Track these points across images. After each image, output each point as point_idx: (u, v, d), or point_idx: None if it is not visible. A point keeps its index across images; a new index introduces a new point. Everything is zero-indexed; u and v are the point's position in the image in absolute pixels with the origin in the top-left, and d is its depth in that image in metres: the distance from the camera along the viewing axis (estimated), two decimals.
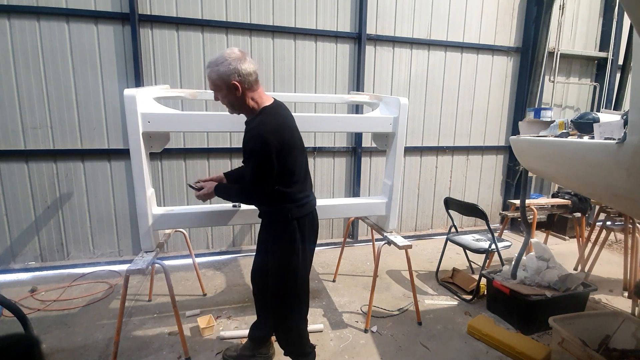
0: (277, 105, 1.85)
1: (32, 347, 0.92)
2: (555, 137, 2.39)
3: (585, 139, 2.12)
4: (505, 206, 5.07)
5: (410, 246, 2.59)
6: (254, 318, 2.80)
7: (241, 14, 3.72)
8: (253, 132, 1.71)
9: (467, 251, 3.51)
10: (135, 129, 2.12)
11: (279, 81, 3.96)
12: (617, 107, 4.97)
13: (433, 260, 3.95)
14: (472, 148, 4.91)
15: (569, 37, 5.02)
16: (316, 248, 2.00)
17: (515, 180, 5.02)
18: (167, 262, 2.24)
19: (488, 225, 3.09)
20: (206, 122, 2.36)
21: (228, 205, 2.51)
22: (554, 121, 2.55)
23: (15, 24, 3.21)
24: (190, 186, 2.15)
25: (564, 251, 4.27)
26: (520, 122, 2.96)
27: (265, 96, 1.83)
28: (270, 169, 1.72)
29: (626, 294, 3.25)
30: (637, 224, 3.29)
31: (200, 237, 4.03)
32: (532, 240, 3.02)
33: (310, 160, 4.22)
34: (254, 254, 2.18)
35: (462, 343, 2.59)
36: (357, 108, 4.16)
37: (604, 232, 3.50)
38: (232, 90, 1.69)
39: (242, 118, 1.86)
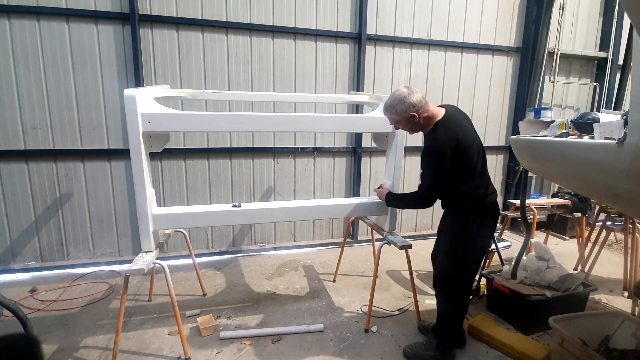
0: (449, 117, 2.06)
1: (32, 347, 0.92)
2: (555, 137, 2.39)
3: (585, 139, 2.13)
4: (505, 206, 5.06)
5: (410, 246, 2.60)
6: (254, 318, 2.83)
7: (241, 14, 3.72)
8: (430, 148, 2.02)
9: None
10: (135, 129, 2.12)
11: (279, 81, 3.96)
12: (617, 107, 4.97)
13: None
14: None
15: (569, 37, 5.02)
16: (316, 248, 2.00)
17: (515, 180, 5.02)
18: (167, 262, 2.23)
19: None
20: (206, 122, 2.36)
21: (228, 205, 2.51)
22: (554, 121, 2.55)
23: (15, 24, 3.22)
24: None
25: (564, 251, 4.27)
26: (520, 122, 2.96)
27: (437, 110, 2.09)
28: (444, 174, 2.02)
29: (626, 294, 3.25)
30: (637, 224, 3.28)
31: (200, 237, 4.03)
32: (532, 240, 3.02)
33: (310, 160, 4.22)
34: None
35: None
36: (357, 108, 4.16)
37: (604, 232, 3.49)
38: (411, 120, 2.05)
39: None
